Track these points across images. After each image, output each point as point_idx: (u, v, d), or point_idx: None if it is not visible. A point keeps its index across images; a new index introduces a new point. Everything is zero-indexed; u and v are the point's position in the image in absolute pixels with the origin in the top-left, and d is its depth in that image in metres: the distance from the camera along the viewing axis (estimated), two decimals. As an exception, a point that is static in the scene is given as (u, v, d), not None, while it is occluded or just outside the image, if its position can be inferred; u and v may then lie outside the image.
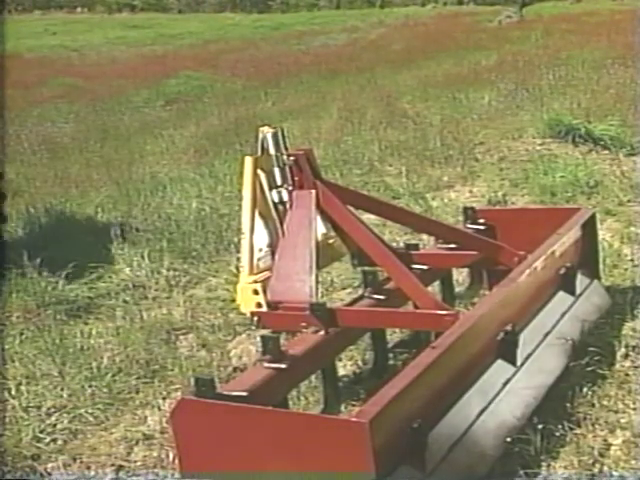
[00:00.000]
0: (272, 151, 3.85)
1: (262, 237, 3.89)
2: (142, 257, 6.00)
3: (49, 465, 3.63)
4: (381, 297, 4.05)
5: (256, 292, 3.76)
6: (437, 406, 3.13)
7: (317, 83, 16.17)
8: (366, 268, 4.14)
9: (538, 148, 8.94)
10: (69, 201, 8.17)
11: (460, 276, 5.01)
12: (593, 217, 4.82)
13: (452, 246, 4.49)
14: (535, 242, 4.26)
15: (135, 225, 6.94)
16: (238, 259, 3.98)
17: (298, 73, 17.77)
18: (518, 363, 3.65)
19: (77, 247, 6.38)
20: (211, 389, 3.13)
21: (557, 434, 3.39)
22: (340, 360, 4.21)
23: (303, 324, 3.65)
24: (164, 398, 4.10)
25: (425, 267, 4.32)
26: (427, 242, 5.29)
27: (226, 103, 14.60)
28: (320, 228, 3.96)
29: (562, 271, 4.34)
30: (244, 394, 3.14)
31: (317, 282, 3.70)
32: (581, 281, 4.52)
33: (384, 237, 5.14)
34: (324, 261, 3.99)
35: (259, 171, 3.86)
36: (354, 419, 2.73)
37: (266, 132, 3.88)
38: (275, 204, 3.87)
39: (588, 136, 8.77)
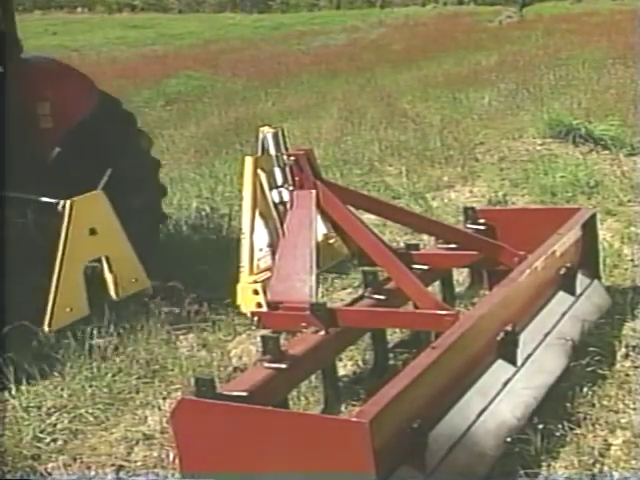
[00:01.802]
0: (272, 151, 3.85)
1: (262, 237, 3.89)
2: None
3: (49, 465, 3.63)
4: (381, 297, 4.05)
5: (256, 292, 3.76)
6: (437, 406, 3.13)
7: (317, 83, 16.17)
8: (366, 268, 4.13)
9: (538, 148, 8.94)
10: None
11: (460, 276, 5.01)
12: (593, 217, 4.82)
13: (452, 246, 4.49)
14: (535, 242, 4.26)
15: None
16: (238, 259, 3.97)
17: (298, 73, 17.77)
18: (518, 363, 3.65)
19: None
20: (211, 389, 3.13)
21: (557, 434, 3.39)
22: (340, 360, 4.21)
23: (303, 324, 3.65)
24: (164, 398, 4.10)
25: (425, 267, 4.32)
26: (427, 242, 5.29)
27: (226, 103, 14.59)
28: (320, 228, 3.96)
29: (562, 271, 4.34)
30: (244, 394, 3.14)
31: (317, 282, 3.70)
32: (581, 281, 4.52)
33: (384, 237, 5.14)
34: (324, 261, 3.99)
35: (259, 171, 3.86)
36: (354, 419, 2.73)
37: (266, 132, 3.88)
38: (275, 204, 3.87)
39: (588, 136, 8.78)
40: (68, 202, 4.44)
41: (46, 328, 4.35)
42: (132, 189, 5.23)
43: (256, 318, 3.76)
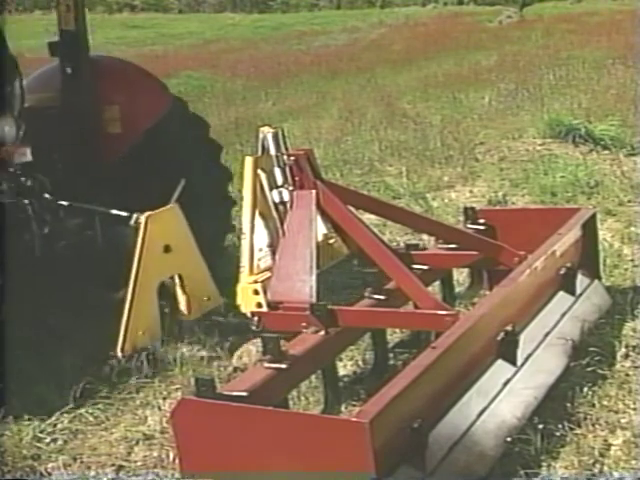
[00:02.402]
0: (272, 151, 3.85)
1: (262, 237, 3.89)
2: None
3: (49, 465, 3.63)
4: (381, 297, 4.05)
5: (256, 292, 3.76)
6: (437, 406, 3.14)
7: (317, 83, 16.16)
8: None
9: (538, 148, 8.94)
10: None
11: (460, 276, 5.01)
12: (593, 217, 4.82)
13: (452, 246, 4.49)
14: (535, 242, 4.27)
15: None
16: (238, 259, 3.97)
17: (298, 73, 17.75)
18: (518, 363, 3.66)
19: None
20: (211, 389, 3.13)
21: (557, 434, 3.39)
22: (340, 360, 4.20)
23: (304, 324, 3.65)
24: (164, 398, 4.10)
25: (425, 267, 4.32)
26: (427, 242, 5.29)
27: (226, 103, 14.58)
28: (320, 228, 3.96)
29: (562, 271, 4.34)
30: (244, 394, 3.14)
31: (317, 282, 3.69)
32: (581, 281, 4.52)
33: (384, 237, 5.14)
34: (324, 261, 3.99)
35: (259, 171, 3.86)
36: (354, 419, 2.74)
37: (266, 132, 3.88)
38: (275, 204, 3.87)
39: (588, 136, 8.78)
40: (143, 217, 4.17)
41: (119, 353, 4.14)
42: (202, 200, 4.88)
43: (256, 318, 3.75)
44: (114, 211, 4.53)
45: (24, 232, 4.48)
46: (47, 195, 4.61)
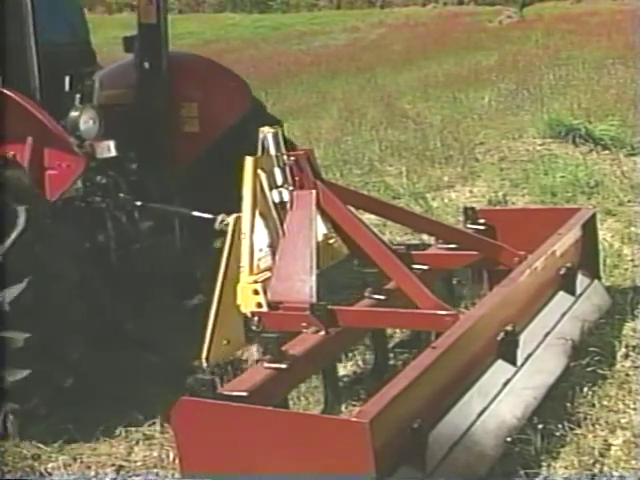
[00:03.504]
0: (272, 151, 3.85)
1: (262, 237, 3.88)
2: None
3: (49, 465, 3.63)
4: (381, 297, 4.05)
5: (256, 292, 3.75)
6: (437, 406, 3.14)
7: (317, 83, 16.15)
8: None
9: (538, 148, 8.95)
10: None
11: (460, 276, 5.01)
12: (593, 217, 4.83)
13: (452, 246, 4.49)
14: (535, 242, 4.27)
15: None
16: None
17: (298, 73, 17.74)
18: (518, 363, 3.66)
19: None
20: (211, 389, 3.13)
21: (557, 434, 3.39)
22: (340, 360, 4.20)
23: (304, 324, 3.65)
24: (165, 398, 4.09)
25: (425, 267, 4.32)
26: (427, 242, 5.28)
27: (226, 103, 14.57)
28: (320, 228, 3.96)
29: (562, 271, 4.34)
30: (244, 394, 3.14)
31: (318, 282, 3.69)
32: (581, 281, 4.53)
33: (384, 237, 5.14)
34: (324, 261, 3.98)
35: (259, 171, 3.85)
36: (354, 419, 2.74)
37: (266, 132, 3.88)
38: (275, 204, 3.86)
39: (588, 136, 8.79)
40: (232, 218, 3.93)
41: (204, 363, 3.86)
42: None
43: (256, 318, 3.75)
44: (197, 213, 4.36)
45: (99, 233, 4.36)
46: (122, 195, 4.46)
